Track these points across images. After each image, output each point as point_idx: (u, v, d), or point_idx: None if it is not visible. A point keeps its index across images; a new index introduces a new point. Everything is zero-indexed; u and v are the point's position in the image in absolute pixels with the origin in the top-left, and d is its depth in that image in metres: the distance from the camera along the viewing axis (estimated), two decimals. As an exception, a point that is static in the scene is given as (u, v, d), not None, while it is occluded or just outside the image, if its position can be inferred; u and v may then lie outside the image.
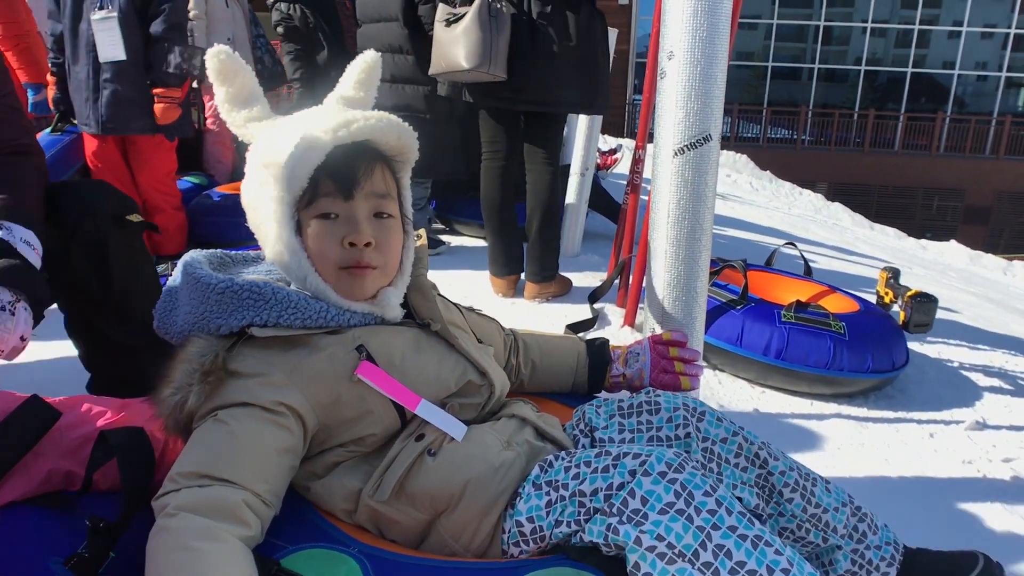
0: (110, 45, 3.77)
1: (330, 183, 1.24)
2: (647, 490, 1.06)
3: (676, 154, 1.58)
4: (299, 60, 4.78)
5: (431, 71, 3.28)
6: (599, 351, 1.70)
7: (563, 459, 1.22)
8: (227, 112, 1.35)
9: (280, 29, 4.74)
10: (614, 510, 1.07)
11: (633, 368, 1.66)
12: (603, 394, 1.70)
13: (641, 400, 1.41)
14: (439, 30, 3.16)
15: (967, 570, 1.43)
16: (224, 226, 4.20)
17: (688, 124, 1.56)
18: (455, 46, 3.07)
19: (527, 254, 3.64)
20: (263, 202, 1.27)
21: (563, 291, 3.72)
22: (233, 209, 4.12)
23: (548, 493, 1.17)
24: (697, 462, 1.29)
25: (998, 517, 2.17)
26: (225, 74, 1.32)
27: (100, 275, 1.76)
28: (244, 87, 1.35)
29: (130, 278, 1.78)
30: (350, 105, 1.40)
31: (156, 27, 3.86)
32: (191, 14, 4.83)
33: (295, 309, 1.22)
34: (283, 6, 4.69)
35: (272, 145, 1.26)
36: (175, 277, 1.32)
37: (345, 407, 1.20)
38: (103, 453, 1.15)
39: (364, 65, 1.43)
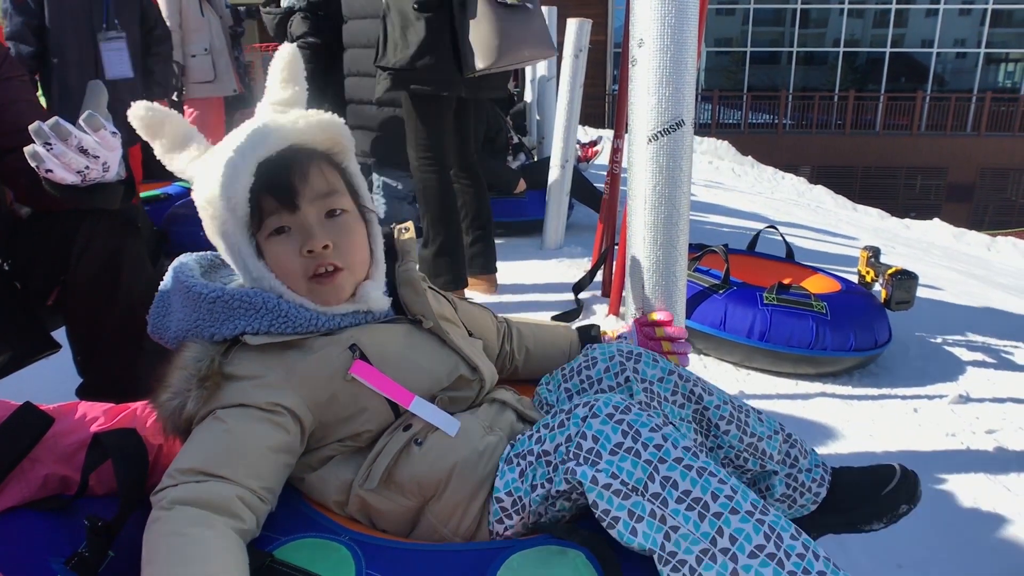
0: (119, 64, 4.05)
1: (271, 199, 1.24)
2: (597, 430, 1.10)
3: (650, 140, 1.60)
4: (312, 62, 4.73)
5: (488, 64, 2.90)
6: (591, 336, 1.73)
7: (527, 432, 1.25)
8: (169, 162, 1.36)
9: (305, 28, 4.68)
10: (571, 454, 1.11)
11: None
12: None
13: (579, 361, 1.46)
14: (501, 14, 2.86)
15: (886, 481, 1.49)
16: (199, 235, 4.20)
17: (660, 110, 1.58)
18: (531, 37, 2.94)
19: (472, 250, 3.56)
20: (219, 236, 1.29)
21: None
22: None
23: (519, 464, 1.20)
24: (641, 403, 1.32)
25: (982, 487, 2.21)
26: (153, 128, 1.34)
27: (110, 282, 1.78)
28: (176, 133, 1.35)
29: (137, 284, 1.80)
30: (285, 106, 1.40)
31: (164, 48, 4.37)
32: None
33: (285, 318, 1.24)
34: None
35: (205, 180, 1.28)
36: (166, 282, 1.33)
37: (340, 406, 1.22)
38: (97, 455, 1.16)
39: (284, 63, 1.41)
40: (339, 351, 1.23)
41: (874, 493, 1.50)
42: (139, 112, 1.32)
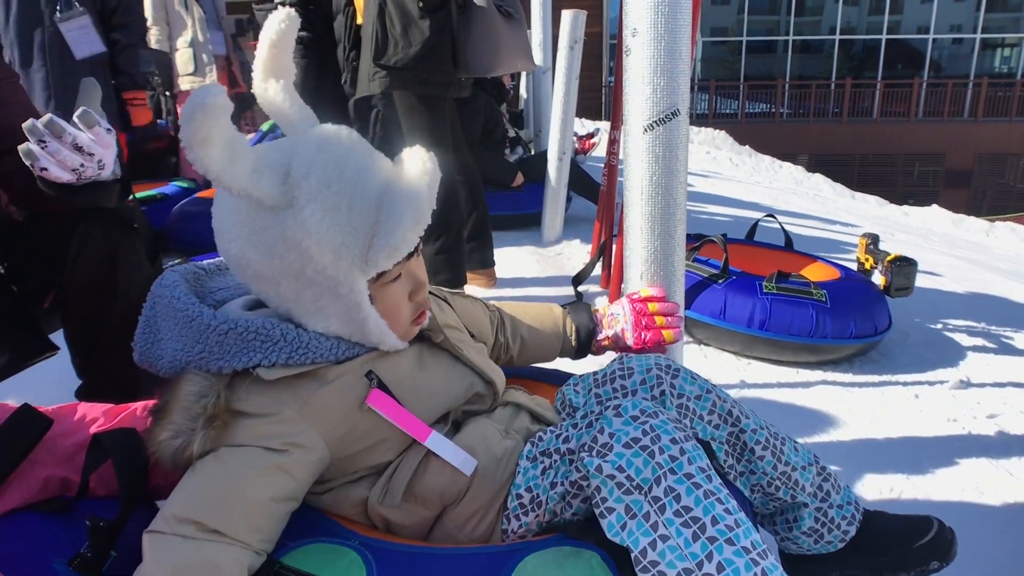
0: (86, 42, 3.86)
1: None
2: (616, 428, 1.08)
3: (646, 131, 1.59)
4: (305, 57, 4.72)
5: (488, 72, 3.06)
6: (584, 316, 1.71)
7: (552, 431, 1.24)
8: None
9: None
10: (586, 447, 1.10)
11: (615, 328, 1.67)
12: (579, 369, 1.71)
13: (614, 368, 1.43)
14: (502, 26, 2.98)
15: (921, 535, 1.46)
16: (206, 233, 4.19)
17: (656, 100, 1.57)
18: (521, 48, 3.05)
19: (469, 245, 3.55)
20: (318, 283, 1.14)
21: None
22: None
23: (542, 462, 1.19)
24: (676, 420, 1.31)
25: (984, 472, 2.21)
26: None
27: (106, 284, 1.77)
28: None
29: (135, 285, 1.79)
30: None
31: (125, 35, 4.05)
32: (147, 21, 4.88)
33: (305, 350, 1.15)
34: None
35: (348, 216, 1.12)
36: (151, 304, 1.22)
37: (359, 438, 1.17)
38: (98, 456, 1.16)
39: (281, 26, 1.20)
40: (355, 380, 1.18)
41: (906, 543, 1.46)
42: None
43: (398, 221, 1.10)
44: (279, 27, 1.18)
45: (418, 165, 1.17)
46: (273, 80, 1.22)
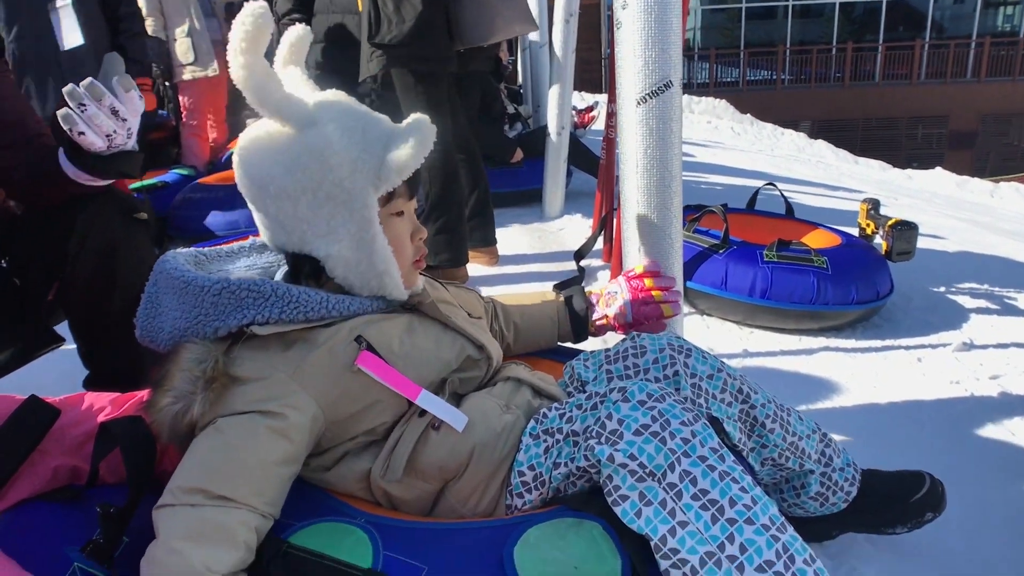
0: (70, 31, 3.81)
1: (404, 182, 1.28)
2: (624, 414, 1.10)
3: (639, 103, 1.59)
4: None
5: (484, 40, 3.05)
6: (577, 298, 1.72)
7: (556, 409, 1.25)
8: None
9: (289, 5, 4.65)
10: (593, 434, 1.11)
11: (614, 307, 1.69)
12: (589, 346, 1.73)
13: (626, 345, 1.44)
14: None
15: (915, 490, 1.54)
16: (207, 220, 4.20)
17: (648, 72, 1.57)
18: (519, 13, 3.05)
19: (471, 223, 3.53)
20: (334, 196, 1.24)
21: None
22: (220, 202, 4.15)
23: (545, 440, 1.21)
24: (687, 399, 1.33)
25: (987, 433, 2.23)
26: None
27: (108, 276, 1.79)
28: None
29: (136, 277, 1.80)
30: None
31: (132, 24, 4.13)
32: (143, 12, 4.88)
33: (296, 303, 1.20)
34: None
35: (362, 136, 1.24)
36: (153, 281, 1.28)
37: (352, 400, 1.20)
38: (106, 444, 1.18)
39: (300, 32, 1.39)
40: (345, 344, 1.21)
41: (902, 499, 1.54)
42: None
43: (406, 140, 1.23)
44: (298, 34, 1.37)
45: (417, 116, 1.29)
46: (292, 66, 1.38)
